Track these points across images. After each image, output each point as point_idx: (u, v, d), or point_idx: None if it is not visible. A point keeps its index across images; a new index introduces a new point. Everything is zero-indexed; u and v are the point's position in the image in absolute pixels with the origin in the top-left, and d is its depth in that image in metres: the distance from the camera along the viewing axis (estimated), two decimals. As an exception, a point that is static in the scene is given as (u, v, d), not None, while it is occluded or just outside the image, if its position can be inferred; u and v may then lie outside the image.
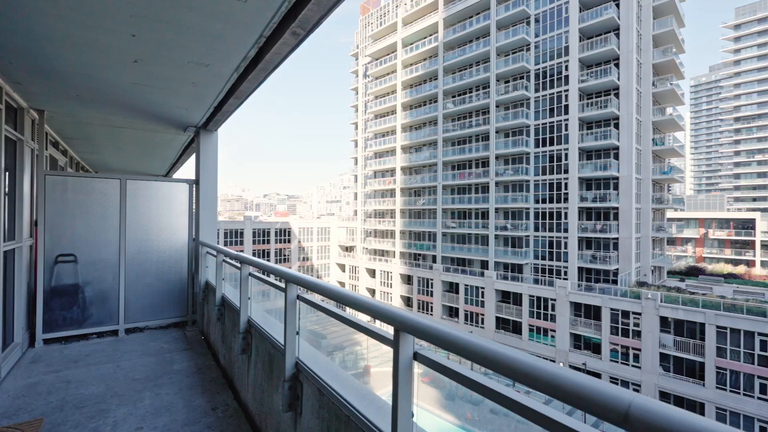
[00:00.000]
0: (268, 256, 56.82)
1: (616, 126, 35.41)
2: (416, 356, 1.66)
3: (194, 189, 7.04)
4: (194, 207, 7.03)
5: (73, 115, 6.16)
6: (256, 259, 3.79)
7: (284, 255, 58.70)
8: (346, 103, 70.41)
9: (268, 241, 57.03)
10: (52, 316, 5.98)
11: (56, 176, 5.98)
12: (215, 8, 2.89)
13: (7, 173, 5.01)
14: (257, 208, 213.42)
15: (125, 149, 8.92)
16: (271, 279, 3.70)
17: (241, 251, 43.11)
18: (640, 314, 30.00)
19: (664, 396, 28.64)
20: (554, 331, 35.11)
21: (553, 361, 30.06)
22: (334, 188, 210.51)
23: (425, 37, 50.52)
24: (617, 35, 35.37)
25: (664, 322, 29.04)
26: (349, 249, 64.05)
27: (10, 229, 5.22)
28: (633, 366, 30.34)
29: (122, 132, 7.08)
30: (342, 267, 61.75)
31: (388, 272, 51.69)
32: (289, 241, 59.22)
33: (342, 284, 61.45)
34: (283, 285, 2.98)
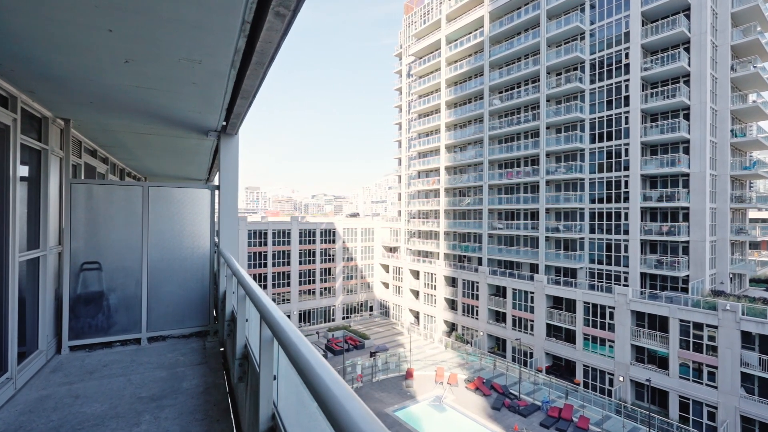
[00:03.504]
0: (314, 255, 57.99)
1: (686, 117, 31.91)
2: None
3: (216, 194, 6.87)
4: (216, 213, 6.86)
5: (97, 122, 6.19)
6: (248, 280, 3.34)
7: (329, 255, 59.61)
8: (391, 103, 70.52)
9: (314, 242, 58.18)
10: (78, 323, 6.01)
11: (81, 184, 6.01)
12: (183, -10, 2.47)
13: (24, 183, 5.03)
14: (305, 209, 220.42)
15: (158, 155, 9.06)
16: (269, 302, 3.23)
17: (288, 251, 43.87)
18: (716, 327, 26.73)
19: (748, 422, 25.25)
20: (612, 341, 32.36)
21: (612, 375, 27.74)
22: (379, 189, 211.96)
23: (470, 33, 48.91)
24: (687, 16, 31.86)
25: (746, 337, 25.62)
26: (392, 250, 63.75)
27: (32, 238, 5.25)
28: (708, 385, 27.13)
29: (148, 138, 7.08)
30: (386, 268, 61.59)
31: (431, 274, 50.69)
32: (333, 242, 60.04)
33: (386, 285, 61.32)
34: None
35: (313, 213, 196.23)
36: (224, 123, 6.02)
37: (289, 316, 54.72)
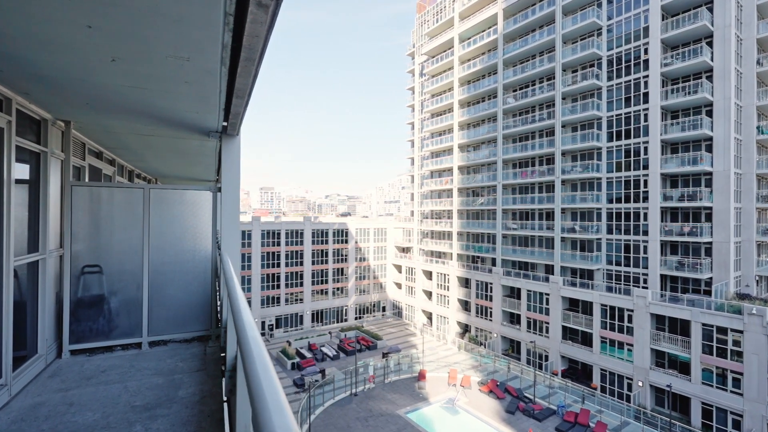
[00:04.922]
0: (327, 255, 58.14)
1: (709, 114, 30.78)
2: None
3: (218, 196, 6.76)
4: (219, 215, 6.75)
5: (98, 124, 6.13)
6: (237, 290, 3.14)
7: (342, 255, 59.69)
8: (404, 103, 70.70)
9: (327, 242, 58.33)
10: (79, 327, 5.96)
11: (81, 186, 5.95)
12: (157, -20, 2.30)
13: (22, 186, 4.97)
14: (319, 209, 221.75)
15: (164, 156, 9.03)
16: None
17: (301, 251, 44.02)
18: (741, 332, 25.71)
19: (775, 432, 24.15)
20: (631, 345, 31.46)
21: (630, 379, 27.03)
22: (392, 188, 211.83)
23: (483, 30, 48.28)
24: (710, 9, 30.71)
25: (774, 343, 24.51)
26: (405, 250, 63.46)
27: (32, 241, 5.20)
28: (732, 392, 26.09)
29: (151, 139, 7.01)
30: (398, 268, 61.35)
31: (445, 275, 50.23)
32: (346, 242, 60.10)
33: (398, 285, 61.06)
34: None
35: (326, 213, 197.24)
36: (224, 123, 5.88)
37: (301, 317, 55.16)
